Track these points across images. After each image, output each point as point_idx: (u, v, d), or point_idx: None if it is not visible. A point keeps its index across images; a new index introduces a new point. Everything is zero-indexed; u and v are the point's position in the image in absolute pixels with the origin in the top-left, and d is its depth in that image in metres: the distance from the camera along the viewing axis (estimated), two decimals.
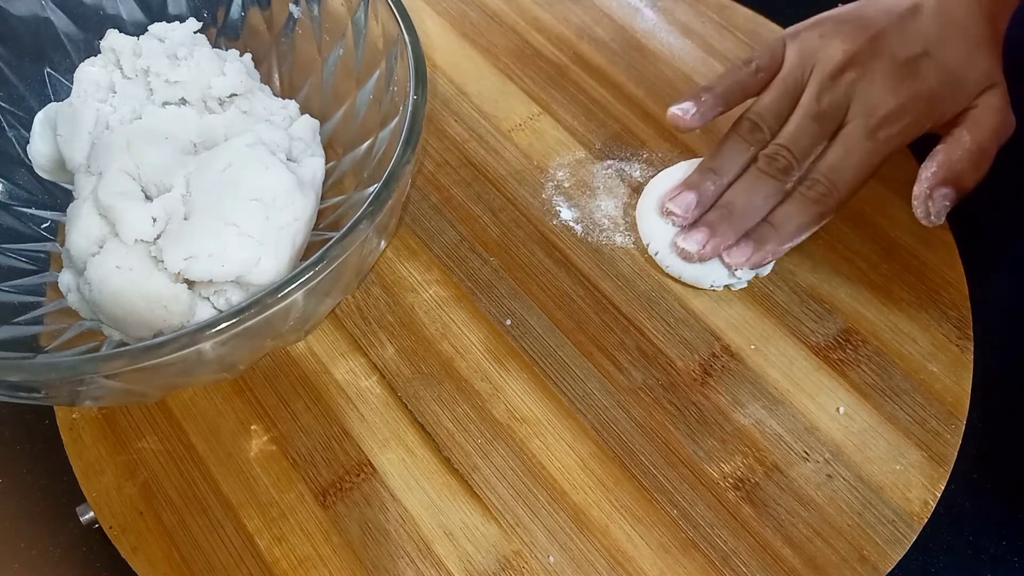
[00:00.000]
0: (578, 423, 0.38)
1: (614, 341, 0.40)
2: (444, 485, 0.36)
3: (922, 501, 0.36)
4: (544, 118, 0.48)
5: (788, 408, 0.38)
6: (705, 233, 0.40)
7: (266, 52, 0.44)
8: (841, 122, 0.41)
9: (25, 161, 0.40)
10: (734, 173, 0.41)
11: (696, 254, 0.40)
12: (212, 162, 0.35)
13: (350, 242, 0.30)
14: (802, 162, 0.40)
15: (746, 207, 0.40)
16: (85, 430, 0.37)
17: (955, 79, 0.40)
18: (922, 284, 0.42)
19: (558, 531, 0.35)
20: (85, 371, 0.27)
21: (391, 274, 0.42)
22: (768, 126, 0.41)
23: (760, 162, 0.41)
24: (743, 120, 0.42)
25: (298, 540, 0.35)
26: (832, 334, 0.41)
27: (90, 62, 0.40)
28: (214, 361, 0.31)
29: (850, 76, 0.40)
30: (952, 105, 0.41)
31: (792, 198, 0.40)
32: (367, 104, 0.40)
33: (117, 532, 0.35)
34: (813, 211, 0.40)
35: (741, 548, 0.35)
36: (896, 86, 0.40)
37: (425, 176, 0.46)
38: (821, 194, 0.39)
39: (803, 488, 0.36)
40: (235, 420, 0.38)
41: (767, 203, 0.40)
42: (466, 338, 0.40)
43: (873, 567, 0.35)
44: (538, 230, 0.44)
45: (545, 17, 0.53)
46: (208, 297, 0.35)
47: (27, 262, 0.39)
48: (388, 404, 0.38)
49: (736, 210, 0.40)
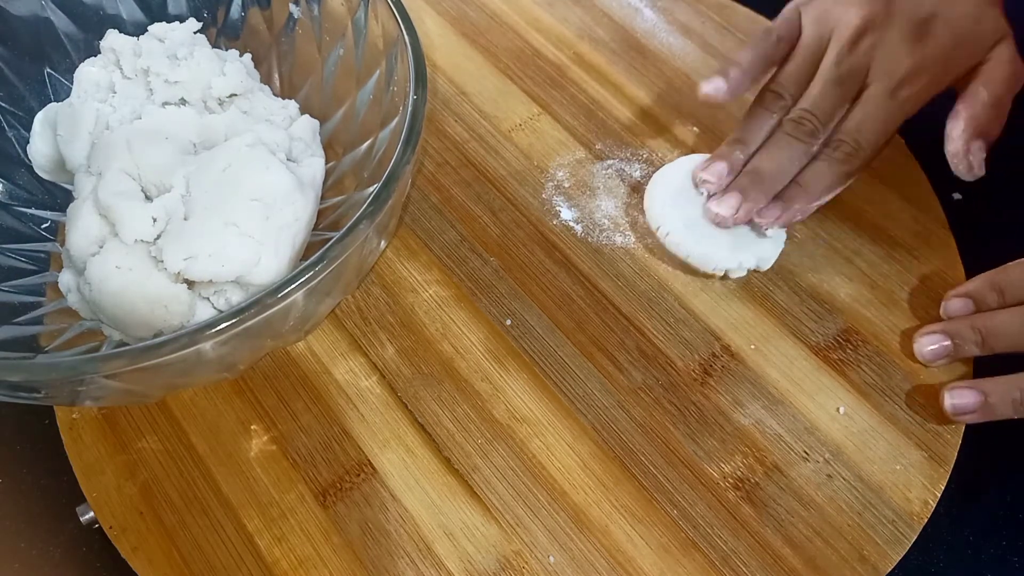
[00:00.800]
0: (578, 423, 0.38)
1: (614, 341, 0.40)
2: (444, 485, 0.36)
3: (922, 501, 0.36)
4: (544, 118, 0.48)
5: (788, 408, 0.38)
6: (737, 197, 0.41)
7: (266, 52, 0.44)
8: (862, 85, 0.41)
9: (25, 161, 0.40)
10: (759, 141, 0.42)
11: (730, 218, 0.41)
12: (212, 162, 0.35)
13: (350, 242, 0.30)
14: (826, 125, 0.41)
15: (774, 171, 0.41)
16: (85, 430, 0.37)
17: (967, 35, 0.42)
18: (922, 284, 0.42)
19: (558, 531, 0.35)
20: (85, 371, 0.27)
21: (391, 274, 0.42)
22: (790, 94, 0.42)
23: (786, 127, 0.41)
24: (766, 91, 0.43)
25: (298, 540, 0.35)
26: (832, 334, 0.41)
27: (90, 62, 0.40)
28: (214, 361, 0.31)
29: (868, 40, 0.41)
30: (966, 61, 0.42)
31: (819, 159, 0.41)
32: (367, 104, 0.40)
33: (117, 532, 0.35)
34: (840, 170, 0.41)
35: (741, 548, 0.35)
36: (912, 48, 0.41)
37: (425, 176, 0.46)
38: (847, 154, 0.40)
39: (803, 488, 0.36)
40: (235, 420, 0.38)
41: (794, 166, 0.41)
42: (466, 338, 0.40)
43: (873, 567, 0.35)
44: (538, 230, 0.44)
45: (545, 17, 0.53)
46: (208, 297, 0.35)
47: (27, 262, 0.39)
48: (388, 404, 0.38)
49: (765, 174, 0.41)
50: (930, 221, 0.45)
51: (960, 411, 0.37)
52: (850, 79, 0.41)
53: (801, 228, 0.44)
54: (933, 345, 0.39)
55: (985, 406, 0.36)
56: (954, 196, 0.46)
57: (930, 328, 0.39)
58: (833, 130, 0.41)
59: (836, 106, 0.41)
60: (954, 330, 0.39)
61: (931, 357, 0.39)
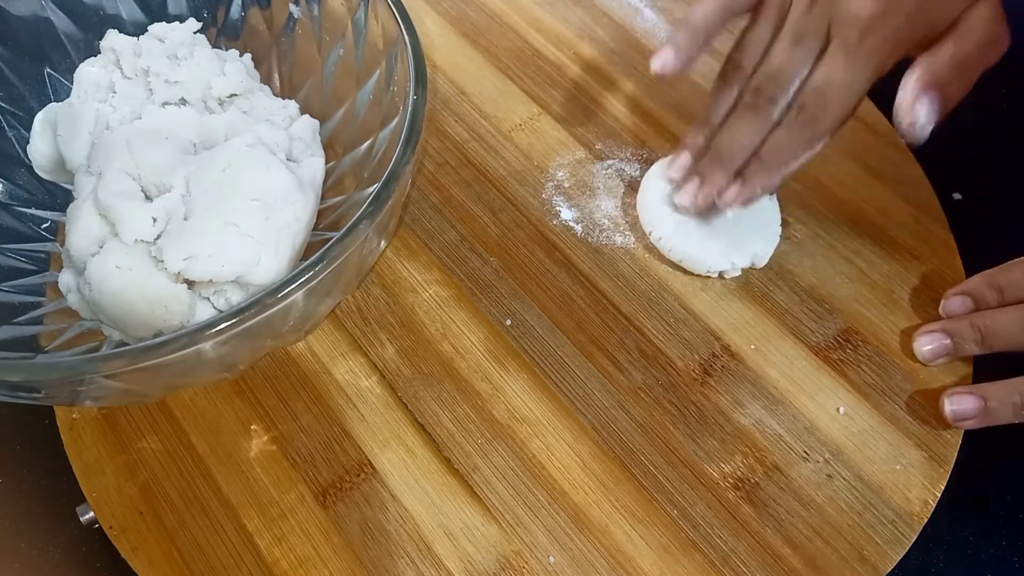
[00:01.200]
0: (578, 423, 0.38)
1: (614, 341, 0.40)
2: (444, 485, 0.36)
3: (922, 501, 0.36)
4: (544, 118, 0.48)
5: (788, 408, 0.38)
6: (695, 184, 0.40)
7: (266, 52, 0.44)
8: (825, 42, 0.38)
9: (25, 161, 0.40)
10: (722, 116, 0.40)
11: (691, 206, 0.40)
12: (212, 162, 0.35)
13: (350, 242, 0.30)
14: (786, 88, 0.38)
15: (734, 147, 0.39)
16: (85, 430, 0.37)
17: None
18: (922, 284, 0.42)
19: (558, 531, 0.35)
20: (85, 371, 0.27)
21: (391, 274, 0.42)
22: (749, 61, 0.39)
23: (745, 97, 0.39)
24: (725, 63, 0.41)
25: (298, 540, 0.35)
26: (832, 334, 0.41)
27: (90, 62, 0.40)
28: (214, 361, 0.31)
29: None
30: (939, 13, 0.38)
31: (780, 127, 0.38)
32: (367, 104, 0.40)
33: (117, 532, 0.35)
34: (803, 135, 0.38)
35: (741, 548, 0.35)
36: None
37: (425, 176, 0.46)
38: (810, 116, 0.37)
39: (803, 488, 0.36)
40: (235, 420, 0.38)
41: (756, 138, 0.39)
42: (466, 338, 0.40)
43: (873, 567, 0.35)
44: (538, 230, 0.44)
45: (545, 17, 0.53)
46: (208, 297, 0.35)
47: (27, 262, 0.39)
48: (388, 404, 0.38)
49: (724, 151, 0.39)
50: (930, 221, 0.45)
51: (960, 416, 0.37)
52: (811, 35, 0.37)
53: (801, 228, 0.44)
54: (932, 344, 0.39)
55: (985, 411, 0.36)
56: (954, 196, 0.46)
57: (929, 327, 0.39)
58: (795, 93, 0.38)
59: (797, 67, 0.38)
60: (953, 329, 0.39)
61: (930, 356, 0.39)
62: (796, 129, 0.38)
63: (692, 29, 0.39)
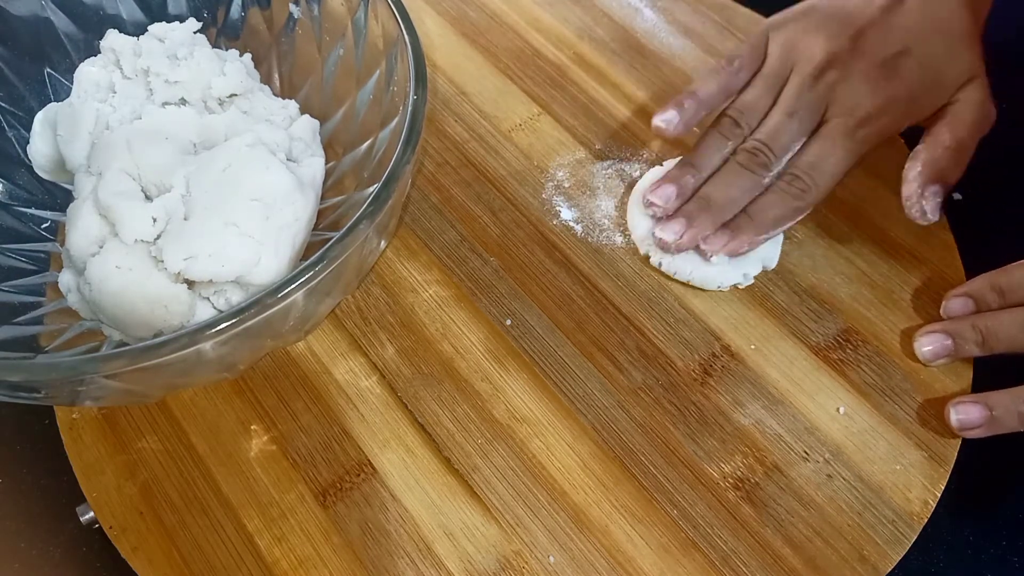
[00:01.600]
0: (578, 423, 0.38)
1: (614, 341, 0.40)
2: (444, 485, 0.36)
3: (922, 501, 0.36)
4: (544, 118, 0.48)
5: (788, 408, 0.38)
6: (682, 223, 0.40)
7: (266, 52, 0.44)
8: (821, 119, 0.41)
9: (25, 161, 0.40)
10: (712, 167, 0.42)
11: (673, 244, 0.40)
12: (212, 162, 0.35)
13: (350, 242, 0.30)
14: (780, 158, 0.41)
15: (724, 199, 0.40)
16: (85, 430, 0.37)
17: (936, 76, 0.41)
18: (922, 284, 0.42)
19: (558, 531, 0.35)
20: (85, 371, 0.27)
21: (391, 274, 0.42)
22: (747, 122, 0.42)
23: (739, 156, 0.41)
24: (723, 117, 0.42)
25: (298, 540, 0.35)
26: (832, 334, 0.41)
27: (90, 62, 0.40)
28: (214, 361, 0.31)
29: (831, 76, 0.41)
30: (933, 100, 0.41)
31: (771, 191, 0.41)
32: (367, 104, 0.40)
33: (117, 532, 0.35)
34: (791, 205, 0.40)
35: (741, 548, 0.35)
36: (876, 87, 0.40)
37: (425, 176, 0.46)
38: (800, 189, 0.40)
39: (803, 488, 0.36)
40: (235, 420, 0.38)
41: (744, 196, 0.41)
42: (466, 338, 0.40)
43: (873, 567, 0.35)
44: (538, 230, 0.44)
45: (545, 17, 0.53)
46: (208, 297, 0.35)
47: (27, 262, 0.39)
48: (388, 404, 0.38)
49: (714, 202, 0.40)
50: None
51: (966, 426, 0.37)
52: (809, 113, 0.41)
53: (801, 228, 0.44)
54: (933, 344, 0.39)
55: (991, 420, 0.36)
56: (954, 196, 0.46)
57: (930, 327, 0.39)
58: (788, 163, 0.41)
59: (792, 139, 0.41)
60: (954, 329, 0.39)
61: (931, 356, 0.39)
62: (786, 199, 0.40)
63: (698, 103, 0.43)
